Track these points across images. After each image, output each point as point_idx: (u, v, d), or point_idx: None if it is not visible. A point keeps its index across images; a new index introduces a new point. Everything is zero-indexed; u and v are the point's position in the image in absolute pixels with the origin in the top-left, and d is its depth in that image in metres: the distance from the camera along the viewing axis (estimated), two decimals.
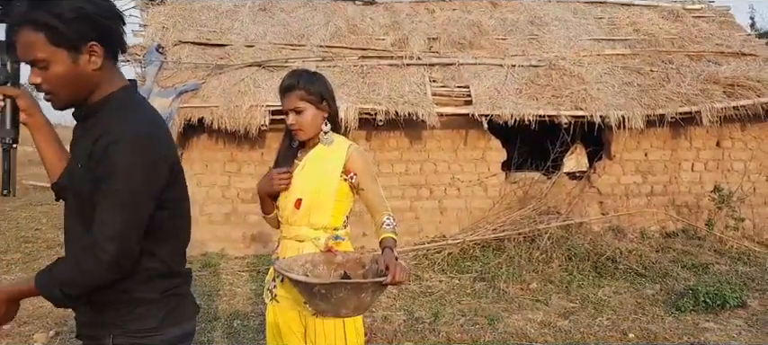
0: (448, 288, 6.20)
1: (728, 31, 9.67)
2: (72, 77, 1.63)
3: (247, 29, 8.96)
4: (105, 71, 1.70)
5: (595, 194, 8.25)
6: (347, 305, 2.09)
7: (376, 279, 2.14)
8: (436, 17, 9.57)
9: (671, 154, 8.34)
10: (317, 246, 2.45)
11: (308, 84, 2.46)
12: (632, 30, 9.53)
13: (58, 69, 1.61)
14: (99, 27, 1.63)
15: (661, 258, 6.96)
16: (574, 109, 7.67)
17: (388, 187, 7.90)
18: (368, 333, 4.89)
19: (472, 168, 8.11)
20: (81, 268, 1.61)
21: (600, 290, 6.11)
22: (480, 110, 7.53)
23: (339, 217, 2.51)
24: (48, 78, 1.62)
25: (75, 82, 1.65)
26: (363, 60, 8.32)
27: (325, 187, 2.45)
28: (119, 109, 1.70)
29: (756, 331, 5.07)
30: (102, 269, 1.60)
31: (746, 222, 7.99)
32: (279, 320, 2.54)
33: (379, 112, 7.39)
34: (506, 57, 8.64)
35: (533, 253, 6.78)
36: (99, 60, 1.65)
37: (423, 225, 8.02)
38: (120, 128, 1.61)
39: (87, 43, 1.63)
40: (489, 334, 5.01)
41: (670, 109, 7.71)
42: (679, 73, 8.39)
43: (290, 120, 2.46)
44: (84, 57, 1.64)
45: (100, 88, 1.70)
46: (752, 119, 8.06)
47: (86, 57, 1.64)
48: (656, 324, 5.22)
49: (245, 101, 7.34)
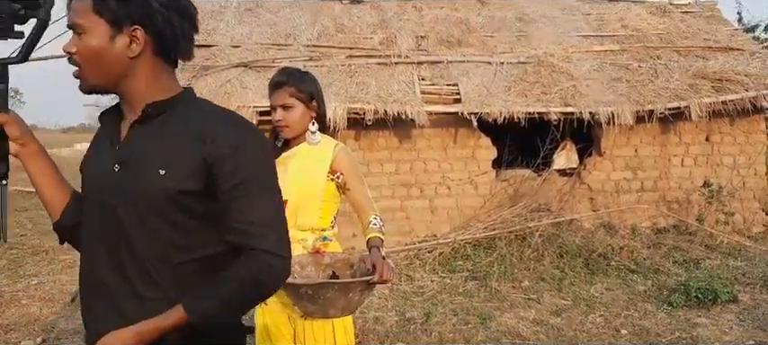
0: (440, 288, 6.16)
1: (716, 26, 9.70)
2: (104, 56, 1.44)
3: (233, 29, 8.88)
4: (150, 68, 1.49)
5: (586, 191, 8.24)
6: (335, 305, 2.06)
7: (363, 279, 2.12)
8: (424, 15, 9.53)
9: (660, 150, 8.35)
10: (304, 248, 2.41)
11: (298, 82, 2.45)
12: (620, 26, 9.54)
13: (92, 41, 1.43)
14: (151, 14, 1.43)
15: (652, 254, 6.96)
16: (563, 105, 7.66)
17: (378, 187, 7.85)
18: (359, 335, 4.84)
19: (462, 166, 8.07)
20: (255, 276, 1.43)
21: (592, 287, 6.09)
22: (469, 109, 7.50)
23: (326, 218, 2.48)
24: (81, 49, 1.44)
25: (106, 62, 1.45)
26: (351, 59, 8.26)
27: (312, 187, 2.42)
28: (204, 108, 1.53)
29: (748, 326, 5.07)
30: (282, 264, 1.47)
31: (736, 216, 8.02)
32: (268, 323, 2.50)
33: (367, 112, 7.34)
34: (495, 54, 8.61)
35: (525, 251, 6.76)
36: (138, 49, 1.45)
37: (413, 225, 7.98)
38: (233, 128, 1.47)
39: (131, 25, 1.43)
40: (482, 333, 4.97)
41: (659, 104, 7.72)
42: (667, 68, 8.41)
43: (278, 116, 2.43)
44: (124, 39, 1.44)
45: (151, 87, 1.49)
46: (740, 114, 8.08)
47: (126, 39, 1.44)
48: (648, 320, 5.21)
49: (232, 102, 7.26)
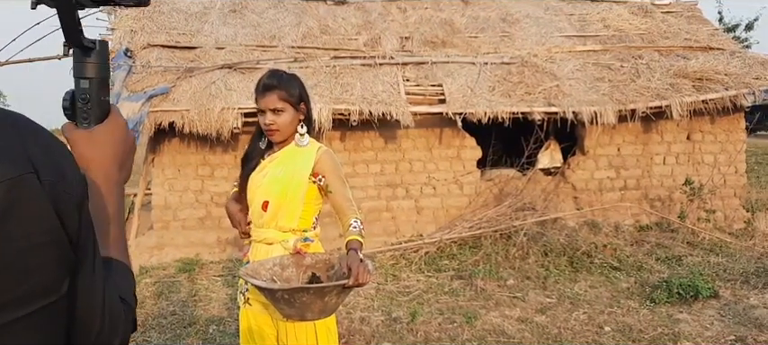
0: (425, 287, 6.18)
1: (697, 26, 9.82)
2: None
3: (217, 30, 8.85)
4: None
5: (570, 190, 8.31)
6: (312, 308, 2.06)
7: (338, 283, 2.11)
8: (408, 16, 9.56)
9: (643, 149, 8.44)
10: (285, 249, 2.41)
11: (288, 86, 2.45)
12: (603, 26, 9.63)
13: None
14: None
15: (635, 251, 7.04)
16: (547, 105, 7.72)
17: (363, 187, 7.87)
18: (345, 335, 4.85)
19: (447, 166, 8.11)
20: None
21: (576, 285, 6.15)
22: (454, 109, 7.53)
23: (308, 219, 2.48)
24: None
25: None
26: (336, 60, 8.27)
27: (293, 189, 2.42)
28: None
29: (728, 321, 5.15)
30: None
31: (718, 213, 8.12)
32: (252, 324, 2.51)
33: (352, 113, 7.35)
34: (479, 54, 8.66)
35: (510, 250, 6.81)
36: None
37: (399, 225, 8.00)
38: None
39: None
40: (467, 332, 5.00)
41: (641, 104, 7.80)
42: (649, 68, 8.50)
43: (268, 120, 2.42)
44: None
45: None
46: (721, 113, 8.19)
47: None
48: (632, 317, 5.27)
49: (217, 103, 7.25)
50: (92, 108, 1.07)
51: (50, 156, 0.80)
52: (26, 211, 0.74)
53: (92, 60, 1.07)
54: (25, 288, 0.75)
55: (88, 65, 1.07)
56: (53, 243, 0.77)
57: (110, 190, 1.05)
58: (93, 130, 1.07)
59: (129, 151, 1.12)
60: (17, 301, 0.74)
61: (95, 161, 1.04)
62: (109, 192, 1.05)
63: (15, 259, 0.73)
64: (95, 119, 1.07)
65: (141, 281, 6.58)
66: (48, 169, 0.77)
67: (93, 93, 1.07)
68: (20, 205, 0.73)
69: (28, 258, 0.75)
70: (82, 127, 1.07)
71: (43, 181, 0.76)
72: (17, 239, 0.73)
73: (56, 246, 0.78)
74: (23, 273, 0.74)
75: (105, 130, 1.07)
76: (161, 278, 6.73)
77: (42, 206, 0.76)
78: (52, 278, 0.78)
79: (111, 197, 1.05)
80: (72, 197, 0.80)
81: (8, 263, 0.73)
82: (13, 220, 0.73)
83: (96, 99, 1.07)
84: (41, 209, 0.76)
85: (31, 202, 0.74)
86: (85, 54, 1.07)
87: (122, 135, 1.10)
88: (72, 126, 1.08)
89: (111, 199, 1.05)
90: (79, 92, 1.06)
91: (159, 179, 7.70)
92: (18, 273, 0.74)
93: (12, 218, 0.73)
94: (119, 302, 0.94)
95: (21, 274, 0.74)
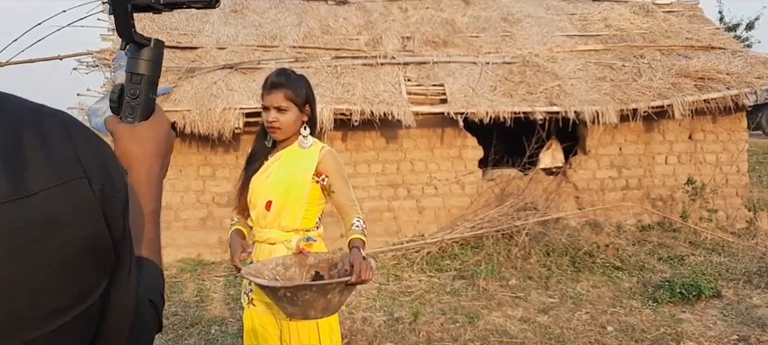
0: (427, 287, 6.18)
1: (698, 25, 9.80)
2: None
3: (219, 31, 8.85)
4: None
5: (572, 189, 8.30)
6: (315, 306, 2.05)
7: (341, 279, 2.10)
8: (409, 16, 9.55)
9: (645, 148, 8.43)
10: (288, 249, 2.41)
11: (294, 86, 2.45)
12: (604, 25, 9.61)
13: None
14: None
15: (637, 251, 7.02)
16: (548, 105, 7.71)
17: (365, 187, 7.86)
18: (347, 335, 4.84)
19: (449, 166, 8.10)
20: None
21: (578, 285, 6.14)
22: (455, 109, 7.52)
23: (311, 219, 2.48)
24: None
25: None
26: (337, 60, 8.26)
27: (296, 189, 2.42)
28: None
29: (731, 321, 5.13)
30: None
31: (720, 213, 8.10)
32: (256, 324, 2.50)
33: (354, 113, 7.34)
34: (480, 54, 8.65)
35: (512, 250, 6.80)
36: None
37: (401, 225, 7.99)
38: None
39: None
40: (469, 332, 4.99)
41: (643, 103, 7.79)
42: (651, 67, 8.48)
43: (271, 117, 2.43)
44: None
45: None
46: (722, 112, 8.18)
47: None
48: (634, 317, 5.26)
49: (218, 104, 7.24)
50: (139, 104, 1.07)
51: (100, 159, 0.77)
52: (77, 217, 0.72)
53: (145, 58, 1.07)
54: (73, 293, 0.73)
55: (141, 61, 1.07)
56: (97, 249, 0.75)
57: (150, 188, 1.04)
58: (137, 126, 1.06)
59: (170, 150, 1.12)
60: (66, 307, 0.72)
61: (138, 157, 1.04)
62: (149, 190, 1.04)
63: (66, 264, 0.71)
64: (141, 115, 1.07)
65: None
66: (98, 173, 0.75)
67: (143, 90, 1.07)
68: (72, 210, 0.71)
69: (77, 263, 0.72)
70: (126, 121, 1.06)
71: (94, 185, 0.74)
72: (64, 246, 0.71)
73: (100, 251, 0.75)
74: (67, 281, 0.72)
75: (149, 127, 1.07)
76: None
77: (93, 211, 0.73)
78: (91, 282, 0.75)
79: (151, 195, 1.04)
80: (118, 201, 0.78)
81: (53, 272, 0.70)
82: (65, 226, 0.70)
83: (145, 96, 1.08)
84: (91, 216, 0.73)
85: (82, 208, 0.72)
86: (140, 50, 1.07)
87: (165, 134, 1.10)
88: (116, 119, 1.07)
89: (151, 197, 1.04)
90: (129, 87, 1.07)
91: None
92: (67, 279, 0.72)
93: (64, 224, 0.70)
94: (148, 306, 0.93)
95: (65, 283, 0.72)
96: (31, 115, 0.74)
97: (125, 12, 1.02)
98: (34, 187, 0.69)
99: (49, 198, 0.69)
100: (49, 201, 0.69)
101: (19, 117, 0.73)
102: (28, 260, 0.68)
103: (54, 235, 0.70)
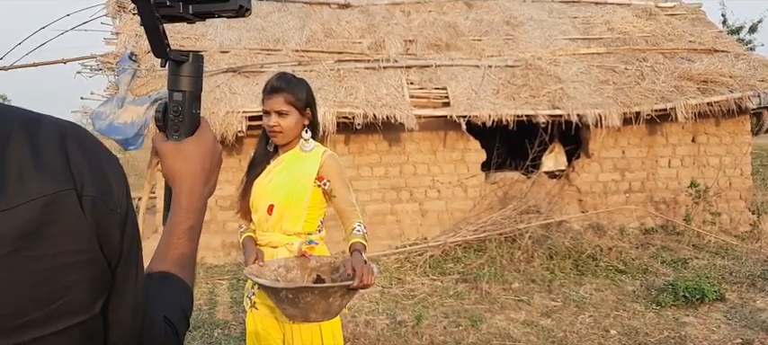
0: (430, 291, 6.17)
1: (701, 28, 9.80)
2: None
3: (222, 34, 8.87)
4: None
5: (575, 192, 8.29)
6: (316, 309, 2.05)
7: (343, 283, 2.10)
8: (412, 19, 9.56)
9: (648, 151, 8.42)
10: (290, 252, 2.42)
11: (295, 90, 2.45)
12: (607, 28, 9.61)
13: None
14: None
15: (640, 254, 7.01)
16: (551, 108, 7.71)
17: (368, 190, 7.86)
18: (350, 338, 4.84)
19: (452, 169, 8.10)
20: None
21: (581, 288, 6.13)
22: (458, 112, 7.52)
23: (313, 223, 2.48)
24: None
25: None
26: (340, 64, 8.27)
27: (298, 193, 2.42)
28: None
29: (735, 324, 5.12)
30: None
31: (723, 216, 8.09)
32: (259, 327, 2.50)
33: (356, 116, 7.35)
34: (483, 57, 8.65)
35: (515, 253, 6.79)
36: None
37: (404, 228, 7.99)
38: None
39: None
40: (472, 335, 4.98)
41: (645, 106, 7.78)
42: (653, 70, 8.48)
43: (272, 122, 2.43)
44: None
45: None
46: (726, 115, 8.17)
47: None
48: (637, 320, 5.25)
49: (222, 107, 7.26)
50: (183, 120, 1.06)
51: (96, 169, 0.77)
52: (60, 230, 0.71)
53: (185, 74, 1.07)
54: (54, 307, 0.72)
55: (182, 78, 1.07)
56: (87, 263, 0.74)
57: (191, 205, 1.03)
58: (182, 143, 1.06)
59: (217, 165, 1.11)
60: (44, 319, 0.71)
61: (182, 174, 1.04)
62: (190, 207, 1.03)
63: (44, 278, 0.70)
64: (186, 131, 1.07)
65: None
66: (92, 185, 0.74)
67: (186, 106, 1.07)
68: (54, 223, 0.70)
69: (58, 277, 0.71)
70: (172, 139, 1.06)
71: (84, 198, 0.73)
72: (48, 258, 0.70)
73: (91, 265, 0.75)
74: (52, 292, 0.71)
75: (195, 143, 1.07)
76: None
77: (79, 224, 0.72)
78: (83, 297, 0.74)
79: (192, 212, 1.03)
80: (115, 214, 0.77)
81: (36, 282, 0.70)
82: (45, 239, 0.70)
83: (188, 111, 1.07)
84: (78, 228, 0.72)
85: (67, 221, 0.71)
86: (179, 66, 1.07)
87: (211, 148, 1.09)
88: (162, 137, 1.07)
89: (191, 215, 1.03)
90: (171, 105, 1.06)
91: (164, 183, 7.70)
92: (46, 292, 0.71)
93: (44, 237, 0.70)
94: (161, 322, 0.91)
95: (50, 293, 0.71)
96: (25, 126, 0.73)
97: (157, 31, 1.01)
98: (14, 200, 0.68)
99: (30, 209, 0.69)
100: (30, 213, 0.69)
101: (8, 129, 0.72)
102: (5, 272, 0.68)
103: (34, 248, 0.69)
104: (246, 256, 2.45)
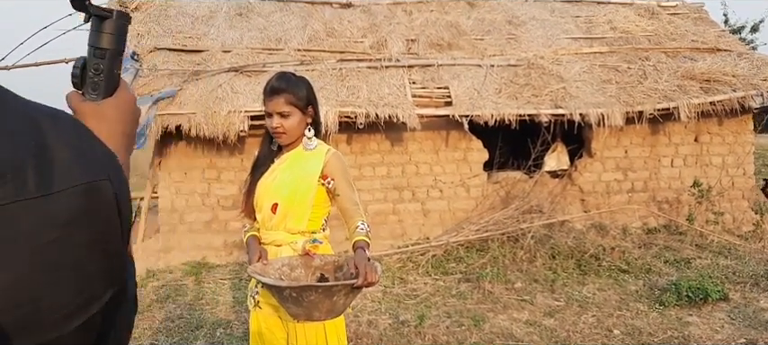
0: (433, 290, 6.16)
1: (703, 28, 9.78)
2: None
3: (224, 34, 8.87)
4: None
5: (577, 192, 8.28)
6: (319, 308, 2.04)
7: (347, 282, 2.09)
8: (414, 19, 9.55)
9: (650, 151, 8.40)
10: (294, 250, 2.41)
11: (295, 89, 2.44)
12: (609, 28, 9.60)
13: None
14: None
15: (643, 254, 6.99)
16: (553, 107, 7.69)
17: (370, 190, 7.86)
18: (353, 338, 4.83)
19: (454, 169, 8.09)
20: None
21: (584, 288, 6.11)
22: (460, 111, 7.51)
23: (317, 222, 2.48)
24: None
25: None
26: (342, 63, 8.27)
27: (302, 192, 2.42)
28: None
29: (739, 324, 5.10)
30: None
31: (726, 216, 8.08)
32: (262, 327, 2.49)
33: (359, 115, 7.34)
34: (485, 57, 8.64)
35: (517, 253, 6.78)
36: None
37: (406, 228, 7.98)
38: None
39: None
40: (475, 335, 4.97)
41: (648, 105, 7.77)
42: (656, 69, 8.46)
43: (275, 124, 2.42)
44: None
45: None
46: (728, 114, 8.15)
47: None
48: (641, 320, 5.23)
49: (224, 107, 7.25)
50: (103, 80, 1.00)
51: (114, 163, 0.77)
52: (97, 218, 0.71)
53: (107, 31, 1.00)
54: (86, 295, 0.71)
55: (104, 35, 1.00)
56: (110, 252, 0.74)
57: None
58: (101, 104, 0.99)
59: (136, 126, 1.05)
60: (83, 306, 0.71)
61: (104, 138, 0.96)
62: None
63: (82, 266, 0.70)
64: (105, 91, 1.00)
65: (148, 285, 6.58)
66: (115, 175, 0.75)
67: (106, 65, 1.00)
68: (93, 211, 0.70)
69: (91, 266, 0.71)
70: (90, 98, 1.00)
71: (113, 187, 0.73)
72: (85, 246, 0.70)
73: (112, 254, 0.75)
74: (85, 282, 0.71)
75: (114, 105, 1.00)
76: (168, 281, 6.73)
77: (112, 213, 0.73)
78: (103, 285, 0.74)
79: None
80: (129, 203, 0.77)
81: (75, 270, 0.69)
82: (83, 227, 0.70)
83: (109, 71, 1.01)
84: (110, 217, 0.73)
85: (103, 209, 0.72)
86: (102, 23, 1.00)
87: (131, 109, 1.03)
88: (79, 96, 1.00)
89: None
90: (92, 62, 1.00)
91: (166, 182, 7.71)
92: (81, 282, 0.70)
93: (83, 225, 0.69)
94: (135, 301, 0.90)
95: (83, 283, 0.71)
96: (49, 117, 0.73)
97: None
98: (61, 185, 0.68)
99: (74, 195, 0.68)
100: (74, 199, 0.69)
101: (39, 117, 0.71)
102: (52, 258, 0.67)
103: (75, 234, 0.69)
104: (250, 255, 2.44)
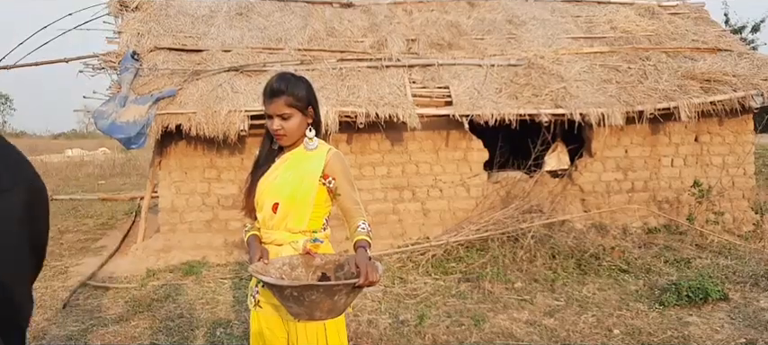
0: (433, 290, 6.16)
1: (704, 27, 9.78)
2: None
3: (224, 33, 8.87)
4: None
5: (577, 192, 8.28)
6: (321, 307, 2.03)
7: (348, 281, 2.09)
8: (414, 18, 9.55)
9: (650, 151, 8.40)
10: (295, 250, 2.41)
11: (295, 90, 2.42)
12: (609, 27, 9.60)
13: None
14: None
15: (643, 254, 6.99)
16: (554, 107, 7.69)
17: (370, 190, 7.86)
18: (353, 338, 4.83)
19: (454, 169, 8.09)
20: None
21: (584, 287, 6.11)
22: (461, 111, 7.51)
23: (318, 221, 2.47)
24: None
25: None
26: (342, 63, 8.27)
27: (303, 191, 2.41)
28: None
29: (739, 324, 5.10)
30: None
31: (726, 215, 8.07)
32: (263, 326, 2.49)
33: (359, 115, 7.35)
34: (485, 56, 8.64)
35: (517, 253, 6.77)
36: None
37: (406, 228, 7.98)
38: None
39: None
40: (475, 335, 4.97)
41: (648, 105, 7.77)
42: (656, 69, 8.46)
43: (276, 126, 2.41)
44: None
45: None
46: (729, 114, 8.15)
47: None
48: (641, 320, 5.23)
49: (224, 106, 7.26)
50: None
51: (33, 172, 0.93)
52: (42, 211, 0.88)
53: None
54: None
55: None
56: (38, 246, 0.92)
57: None
58: None
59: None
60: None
61: None
62: None
63: (33, 247, 0.88)
64: None
65: (148, 284, 6.58)
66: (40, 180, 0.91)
67: None
68: (38, 204, 0.87)
69: (36, 252, 0.91)
70: None
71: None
72: (38, 233, 0.88)
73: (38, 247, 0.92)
74: (32, 265, 0.92)
75: None
76: (168, 280, 6.73)
77: (46, 209, 0.90)
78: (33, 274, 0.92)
79: None
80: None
81: (31, 248, 0.88)
82: (34, 217, 0.86)
83: None
84: (46, 212, 0.90)
85: (44, 205, 0.89)
86: None
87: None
88: None
89: None
90: None
91: (166, 182, 7.71)
92: (32, 261, 0.91)
93: (33, 216, 0.86)
94: None
95: (31, 265, 0.91)
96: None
97: None
98: (15, 181, 0.85)
99: (25, 191, 0.87)
100: (26, 194, 0.86)
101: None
102: (23, 233, 0.86)
103: (31, 217, 0.86)
104: (251, 254, 2.44)
